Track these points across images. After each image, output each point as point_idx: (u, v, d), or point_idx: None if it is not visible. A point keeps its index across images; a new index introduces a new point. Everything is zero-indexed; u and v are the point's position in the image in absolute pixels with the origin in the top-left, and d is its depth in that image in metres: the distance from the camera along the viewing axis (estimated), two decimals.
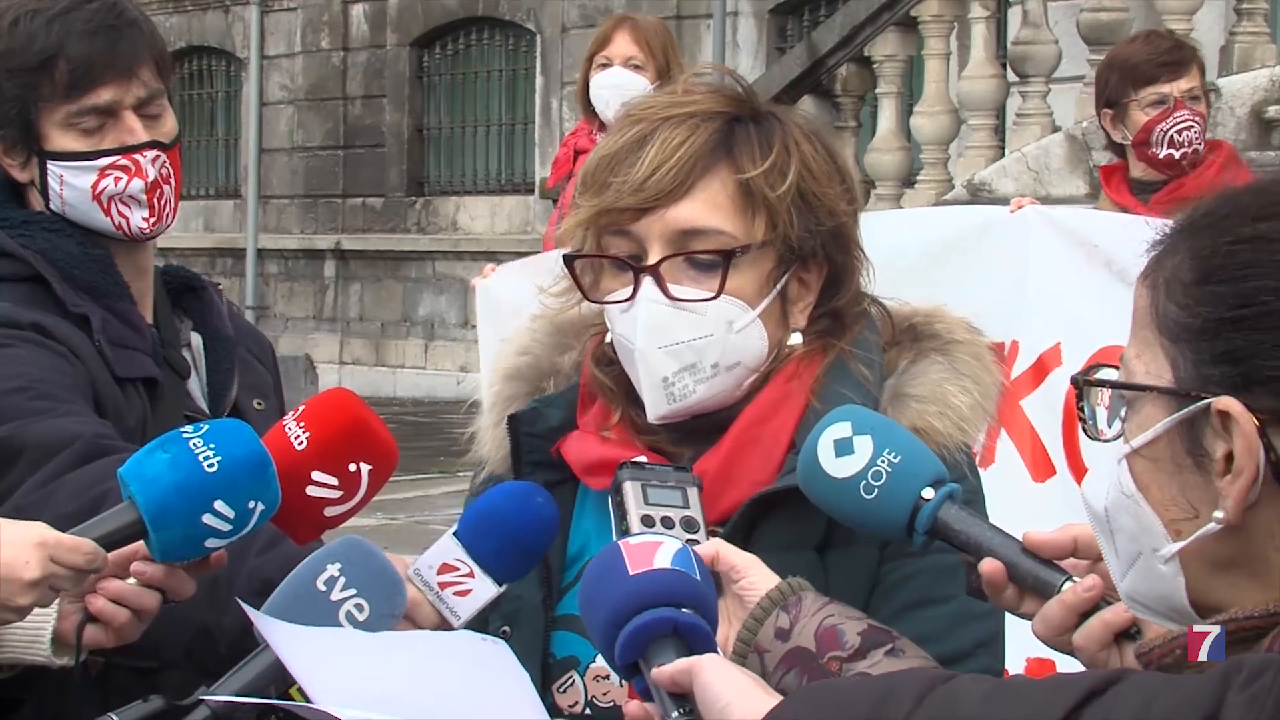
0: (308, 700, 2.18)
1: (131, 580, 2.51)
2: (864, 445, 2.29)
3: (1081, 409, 1.94)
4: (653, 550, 2.12)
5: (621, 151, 2.56)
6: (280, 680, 2.23)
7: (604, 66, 7.08)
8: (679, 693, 2.01)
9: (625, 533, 2.33)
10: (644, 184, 2.52)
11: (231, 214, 23.82)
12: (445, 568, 2.42)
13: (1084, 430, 1.94)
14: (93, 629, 2.56)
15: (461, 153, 22.12)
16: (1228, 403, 1.77)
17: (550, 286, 2.69)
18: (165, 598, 2.55)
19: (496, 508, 2.45)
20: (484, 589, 2.42)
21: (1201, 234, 1.84)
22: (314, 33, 22.99)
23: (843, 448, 2.29)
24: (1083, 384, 1.94)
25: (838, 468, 2.29)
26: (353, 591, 2.31)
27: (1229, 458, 1.78)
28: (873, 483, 2.28)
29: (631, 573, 2.09)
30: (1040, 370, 5.40)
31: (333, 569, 2.32)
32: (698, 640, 2.05)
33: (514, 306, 5.68)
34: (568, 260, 2.62)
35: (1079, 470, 5.20)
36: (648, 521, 2.32)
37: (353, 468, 2.47)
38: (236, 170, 23.98)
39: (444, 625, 2.43)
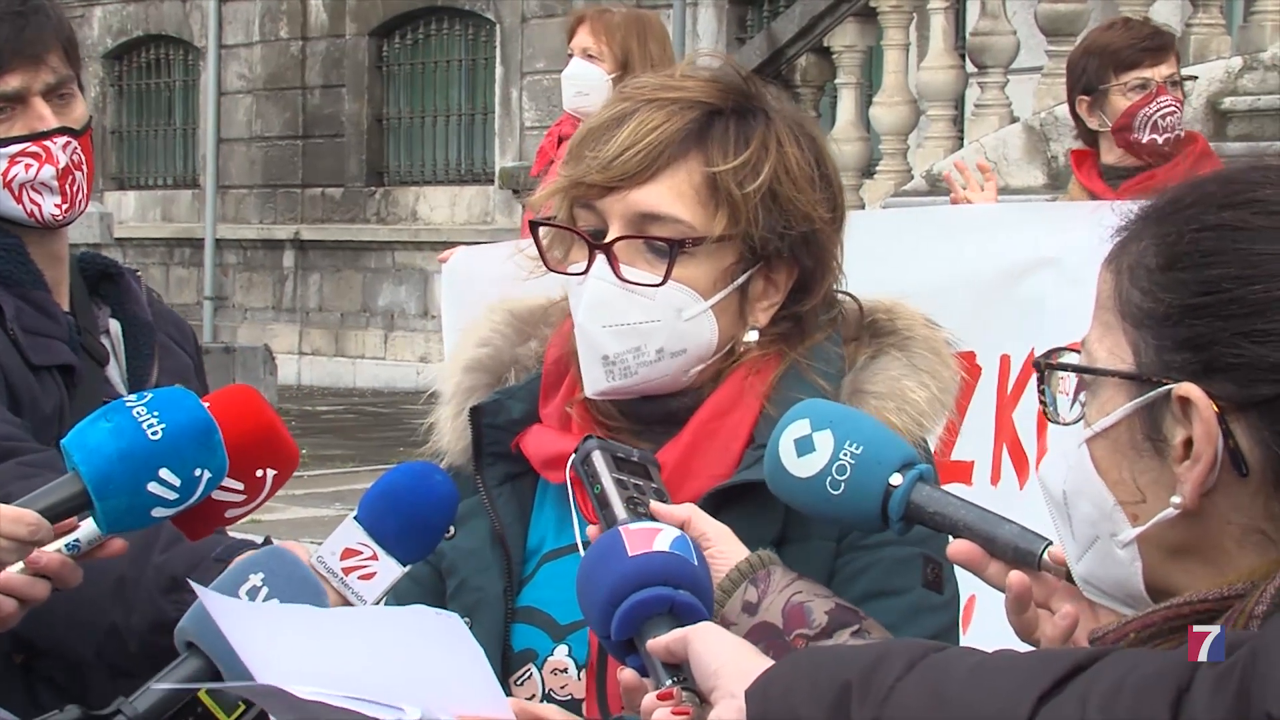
0: (217, 704, 2.16)
1: (18, 568, 2.43)
2: (824, 440, 2.25)
3: (1043, 392, 1.95)
4: (652, 535, 2.18)
5: (601, 127, 2.57)
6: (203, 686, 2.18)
7: (570, 58, 7.20)
8: (673, 663, 2.05)
9: (599, 496, 2.34)
10: (611, 162, 2.52)
11: (189, 204, 23.73)
12: (348, 552, 2.38)
13: (1045, 414, 1.95)
14: None
15: (421, 143, 22.07)
16: (1188, 389, 1.78)
17: (526, 248, 2.67)
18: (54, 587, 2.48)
19: (396, 488, 2.41)
20: (388, 571, 2.39)
21: (1167, 221, 1.85)
22: (272, 22, 22.90)
23: (804, 446, 2.26)
24: (1044, 367, 1.95)
25: (801, 467, 2.26)
26: (275, 601, 2.27)
27: (1188, 444, 1.79)
28: (838, 477, 2.24)
29: (631, 554, 2.15)
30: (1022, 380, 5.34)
31: (255, 579, 2.27)
32: (692, 621, 2.10)
33: (480, 292, 5.65)
34: (533, 226, 2.63)
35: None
36: (620, 485, 2.32)
37: (260, 473, 2.44)
38: (194, 160, 23.88)
39: None
